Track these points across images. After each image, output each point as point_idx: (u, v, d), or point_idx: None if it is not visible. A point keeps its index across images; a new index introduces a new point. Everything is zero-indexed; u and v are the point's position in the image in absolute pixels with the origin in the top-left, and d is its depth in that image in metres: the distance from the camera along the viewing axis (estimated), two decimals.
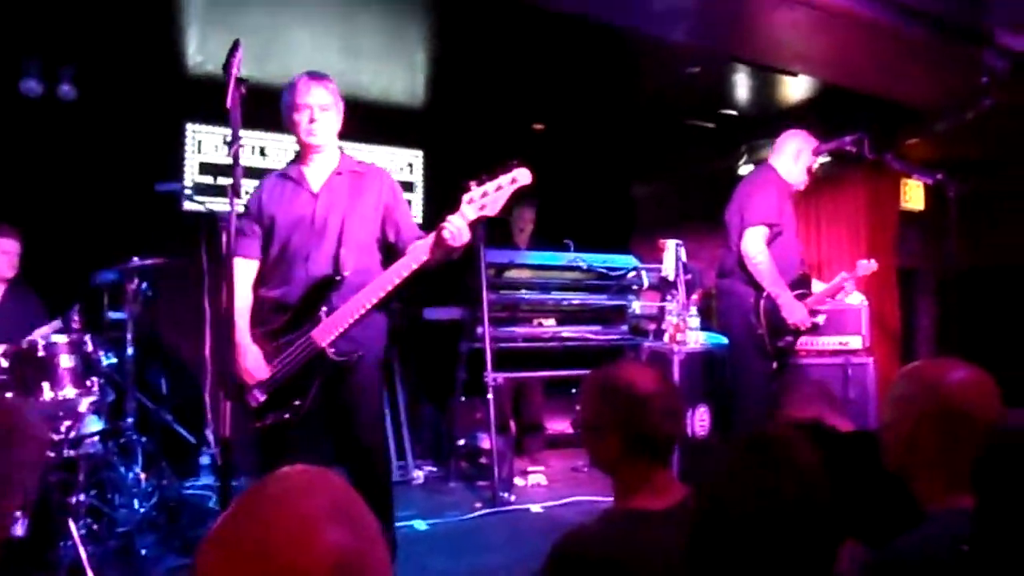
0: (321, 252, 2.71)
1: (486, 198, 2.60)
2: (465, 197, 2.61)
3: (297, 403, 2.66)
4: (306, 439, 2.82)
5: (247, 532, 0.75)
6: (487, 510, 4.07)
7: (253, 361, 2.65)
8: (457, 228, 2.56)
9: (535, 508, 4.15)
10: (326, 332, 2.63)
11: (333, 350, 2.64)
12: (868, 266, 4.13)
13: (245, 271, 2.77)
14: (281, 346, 2.68)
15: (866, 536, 1.31)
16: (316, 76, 2.78)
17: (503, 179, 2.61)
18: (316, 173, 2.81)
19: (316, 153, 2.81)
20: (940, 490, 1.34)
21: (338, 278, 2.67)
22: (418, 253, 2.63)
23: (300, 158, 2.86)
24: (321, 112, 2.74)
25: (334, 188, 2.79)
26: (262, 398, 2.67)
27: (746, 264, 3.78)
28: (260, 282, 2.79)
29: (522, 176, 2.63)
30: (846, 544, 1.08)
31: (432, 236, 2.62)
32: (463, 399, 4.89)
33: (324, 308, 2.65)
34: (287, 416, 2.65)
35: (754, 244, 3.75)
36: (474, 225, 2.66)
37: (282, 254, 2.75)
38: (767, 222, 3.78)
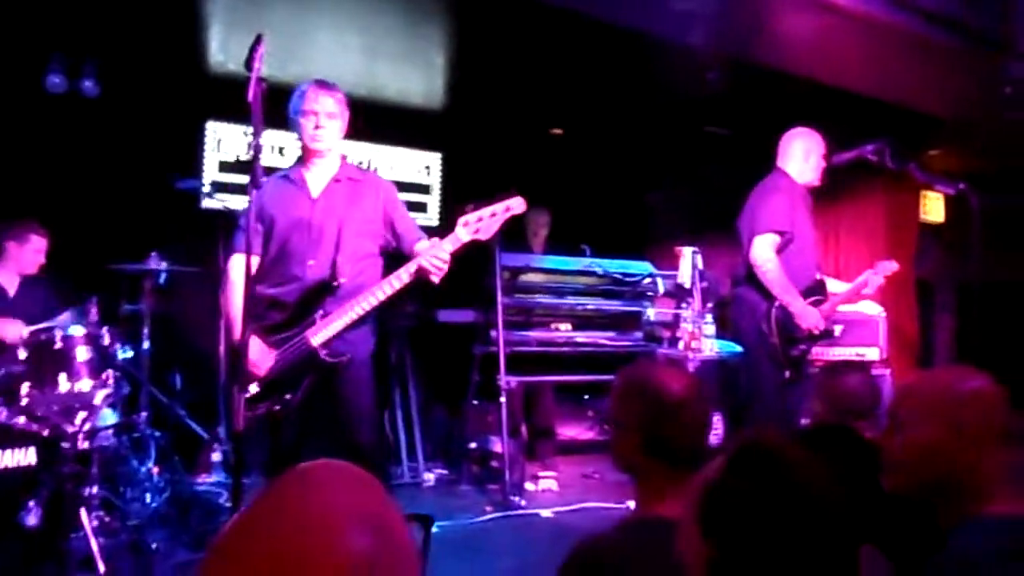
0: (319, 257, 2.81)
1: (480, 223, 2.75)
2: (461, 220, 2.75)
3: (287, 397, 2.76)
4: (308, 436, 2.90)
5: (264, 530, 0.71)
6: (497, 514, 4.05)
7: (257, 352, 2.71)
8: (439, 263, 2.68)
9: (545, 513, 4.13)
10: (319, 333, 2.75)
11: (325, 351, 2.76)
12: (888, 266, 4.00)
13: (243, 267, 2.81)
14: (276, 342, 2.78)
15: (886, 547, 1.29)
16: (325, 85, 2.88)
17: (498, 206, 2.77)
18: (316, 178, 2.91)
19: (318, 158, 2.91)
20: (971, 499, 1.32)
21: (335, 284, 2.78)
22: (400, 275, 2.75)
23: (302, 161, 2.96)
24: (327, 119, 2.84)
25: (332, 195, 2.89)
26: (255, 389, 2.75)
27: (755, 272, 3.74)
28: (258, 279, 2.85)
29: (516, 205, 2.80)
30: (864, 550, 1.06)
31: (413, 264, 2.74)
32: (475, 402, 4.88)
33: (320, 311, 2.77)
34: (277, 408, 2.75)
35: (762, 252, 3.71)
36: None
37: (280, 254, 2.85)
38: (775, 229, 3.73)
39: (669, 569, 1.05)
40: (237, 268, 2.83)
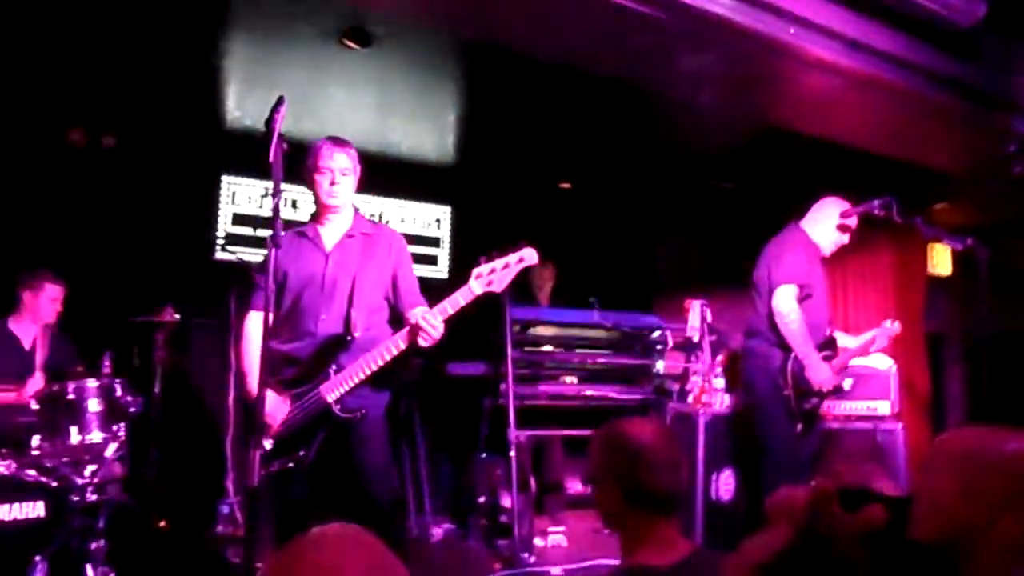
0: (332, 311, 2.82)
1: (493, 275, 2.72)
2: (473, 272, 2.72)
3: (301, 453, 2.74)
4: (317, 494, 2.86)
5: None
6: (506, 571, 3.99)
7: (272, 404, 2.70)
8: (430, 328, 2.66)
9: (555, 570, 4.06)
10: (333, 389, 2.74)
11: (339, 406, 2.75)
12: (893, 328, 4.06)
13: (260, 324, 2.81)
14: (290, 398, 2.78)
15: None
16: (339, 142, 2.92)
17: (511, 257, 2.73)
18: (331, 233, 2.94)
19: (333, 213, 2.93)
20: (1009, 560, 1.29)
21: (348, 339, 2.78)
22: (396, 342, 2.73)
23: (316, 217, 2.99)
24: (341, 176, 2.87)
25: (346, 249, 2.91)
26: (268, 446, 2.70)
27: (777, 322, 3.74)
28: (272, 335, 2.80)
29: (529, 256, 2.75)
30: None
31: (407, 329, 2.73)
32: (484, 456, 4.84)
33: (333, 366, 2.76)
34: (291, 465, 2.72)
35: (786, 302, 3.73)
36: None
37: (294, 309, 2.85)
38: (798, 281, 3.76)
39: None
40: (254, 325, 2.87)
